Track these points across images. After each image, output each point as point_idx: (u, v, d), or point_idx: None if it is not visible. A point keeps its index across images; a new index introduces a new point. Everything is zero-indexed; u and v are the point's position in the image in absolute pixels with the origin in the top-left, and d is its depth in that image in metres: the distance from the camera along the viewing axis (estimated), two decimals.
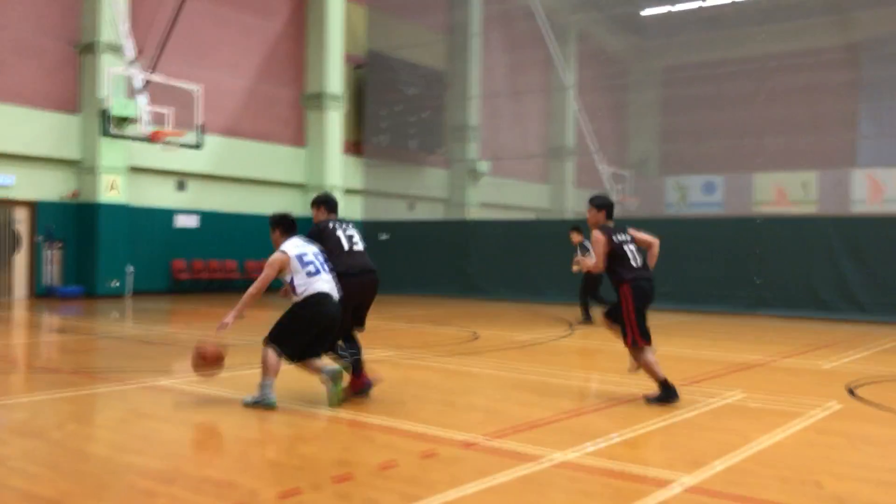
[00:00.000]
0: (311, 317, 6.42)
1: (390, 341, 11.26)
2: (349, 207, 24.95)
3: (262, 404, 6.44)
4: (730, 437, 5.75)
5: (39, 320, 14.59)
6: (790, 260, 17.14)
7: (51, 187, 18.91)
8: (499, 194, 29.97)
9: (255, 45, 23.16)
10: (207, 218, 21.80)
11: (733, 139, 29.45)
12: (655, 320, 15.96)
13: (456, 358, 9.89)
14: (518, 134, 31.96)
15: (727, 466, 4.99)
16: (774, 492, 4.52)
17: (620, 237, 7.26)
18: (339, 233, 7.05)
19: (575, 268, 12.96)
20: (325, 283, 6.50)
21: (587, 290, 14.29)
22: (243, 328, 7.90)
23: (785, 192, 31.84)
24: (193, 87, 18.84)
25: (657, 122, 36.02)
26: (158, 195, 20.85)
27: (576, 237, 14.27)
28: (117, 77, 18.26)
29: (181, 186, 21.43)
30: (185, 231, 21.29)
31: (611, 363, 9.71)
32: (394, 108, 26.59)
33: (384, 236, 23.36)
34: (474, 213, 28.38)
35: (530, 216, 30.92)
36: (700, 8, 31.65)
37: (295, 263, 6.45)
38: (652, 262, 7.37)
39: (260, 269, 6.77)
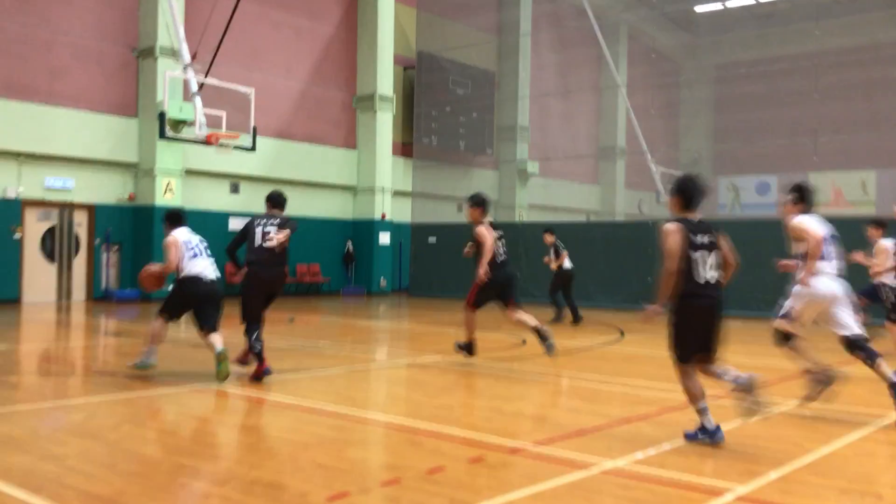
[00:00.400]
0: (187, 294, 7.93)
1: (438, 346, 11.27)
2: (398, 209, 25.05)
3: (141, 367, 8.03)
4: (784, 446, 5.63)
5: (97, 324, 14.94)
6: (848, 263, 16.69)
7: (109, 190, 19.34)
8: (548, 196, 29.77)
9: (307, 47, 23.41)
10: None
11: (788, 138, 28.77)
12: None
13: (504, 364, 9.87)
14: (568, 134, 31.70)
15: (782, 476, 4.88)
16: (832, 502, 4.42)
17: (495, 234, 9.03)
18: (258, 228, 8.13)
19: (554, 265, 15.12)
20: (199, 266, 7.98)
21: (555, 289, 15.44)
22: (291, 334, 7.99)
23: (842, 192, 31.06)
24: (247, 90, 19.06)
25: (709, 121, 35.42)
26: (213, 198, 21.19)
27: (548, 238, 15.45)
28: (174, 81, 18.57)
29: (235, 189, 21.77)
30: None
31: (660, 370, 9.58)
32: (443, 109, 26.59)
33: (432, 240, 23.38)
34: (523, 215, 28.22)
35: (580, 218, 30.67)
36: (754, 4, 31.05)
37: (181, 247, 7.99)
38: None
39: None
